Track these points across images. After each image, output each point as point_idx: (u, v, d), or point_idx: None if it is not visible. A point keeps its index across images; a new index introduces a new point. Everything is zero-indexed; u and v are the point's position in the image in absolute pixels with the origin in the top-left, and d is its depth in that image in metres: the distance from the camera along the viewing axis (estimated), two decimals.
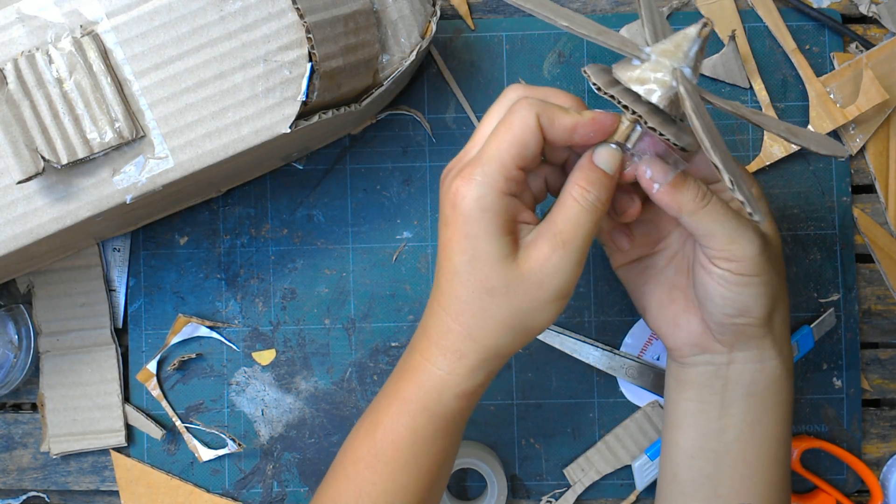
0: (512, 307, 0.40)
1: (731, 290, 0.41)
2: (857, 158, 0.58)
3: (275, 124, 0.46)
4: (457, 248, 0.39)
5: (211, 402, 0.58)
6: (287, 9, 0.45)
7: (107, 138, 0.44)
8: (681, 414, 0.46)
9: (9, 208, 0.45)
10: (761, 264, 0.40)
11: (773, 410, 0.44)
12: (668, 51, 0.39)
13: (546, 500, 0.58)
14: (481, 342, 0.40)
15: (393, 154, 0.58)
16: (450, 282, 0.40)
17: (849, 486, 0.57)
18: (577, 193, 0.40)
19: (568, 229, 0.39)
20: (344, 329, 0.58)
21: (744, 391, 0.44)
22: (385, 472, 0.42)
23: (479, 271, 0.39)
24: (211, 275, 0.58)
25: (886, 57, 0.56)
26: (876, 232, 0.57)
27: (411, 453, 0.42)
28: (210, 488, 0.58)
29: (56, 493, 0.59)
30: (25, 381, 0.58)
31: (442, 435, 0.42)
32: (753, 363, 0.44)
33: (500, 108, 0.41)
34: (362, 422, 0.44)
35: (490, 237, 0.39)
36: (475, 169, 0.39)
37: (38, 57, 0.44)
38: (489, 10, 0.58)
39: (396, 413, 0.42)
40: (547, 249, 0.39)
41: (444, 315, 0.41)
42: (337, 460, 0.45)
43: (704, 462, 0.45)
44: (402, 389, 0.42)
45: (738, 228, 0.40)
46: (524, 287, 0.39)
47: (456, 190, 0.39)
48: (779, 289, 0.42)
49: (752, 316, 0.42)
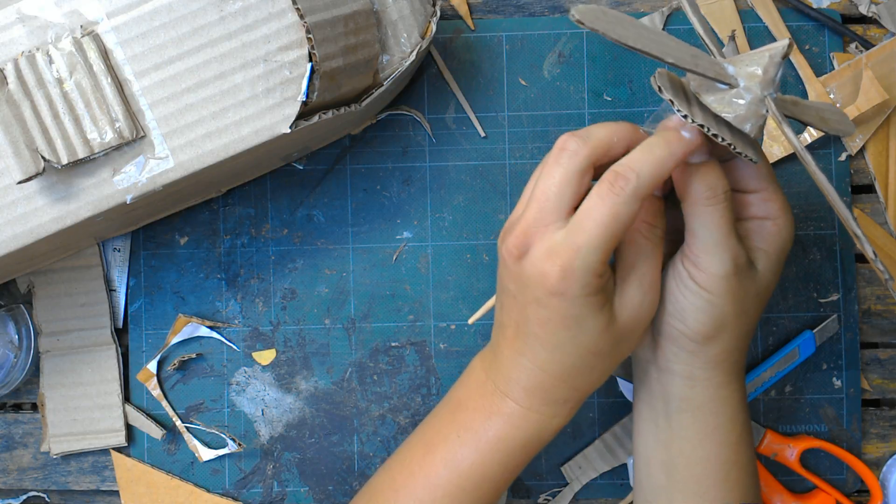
0: (616, 357, 0.42)
1: (679, 290, 0.41)
2: (857, 158, 0.58)
3: (275, 124, 0.46)
4: (559, 326, 0.40)
5: (211, 402, 0.58)
6: (287, 9, 0.45)
7: (107, 138, 0.44)
8: (637, 417, 0.47)
9: (9, 208, 0.45)
10: (719, 287, 0.40)
11: (715, 432, 0.44)
12: (756, 76, 0.38)
13: (544, 498, 0.58)
14: (585, 390, 0.43)
15: (393, 154, 0.58)
16: (552, 351, 0.41)
17: (848, 486, 0.57)
18: (646, 231, 0.40)
19: (648, 270, 0.40)
20: (344, 329, 0.58)
21: (677, 405, 0.44)
22: (466, 500, 0.44)
23: (587, 343, 0.40)
24: (211, 275, 0.58)
25: (886, 57, 0.56)
26: (876, 232, 0.57)
27: (495, 484, 0.44)
28: (210, 488, 0.58)
29: (56, 492, 0.59)
30: (26, 381, 0.58)
31: (526, 464, 0.45)
32: (682, 377, 0.43)
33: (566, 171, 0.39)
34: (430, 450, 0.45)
35: (595, 316, 0.39)
36: (574, 259, 0.38)
37: (38, 57, 0.44)
38: (489, 10, 0.58)
39: (488, 451, 0.43)
40: (638, 296, 0.40)
41: (542, 374, 0.42)
42: (397, 483, 0.46)
43: (658, 473, 0.45)
44: (494, 429, 0.43)
45: (719, 245, 0.39)
46: (626, 336, 0.41)
47: (554, 278, 0.38)
48: (731, 323, 0.41)
49: (687, 326, 0.41)
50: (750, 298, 0.41)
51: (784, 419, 0.57)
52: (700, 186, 0.39)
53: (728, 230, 0.39)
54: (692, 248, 0.40)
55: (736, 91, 0.38)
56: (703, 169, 0.39)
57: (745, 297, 0.41)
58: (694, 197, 0.39)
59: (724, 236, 0.39)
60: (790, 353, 0.56)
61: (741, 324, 0.42)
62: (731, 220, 0.40)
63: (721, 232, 0.39)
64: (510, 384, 0.43)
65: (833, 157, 0.57)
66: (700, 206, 0.39)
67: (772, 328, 0.57)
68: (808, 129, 0.56)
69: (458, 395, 0.46)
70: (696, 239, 0.40)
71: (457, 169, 0.58)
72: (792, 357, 0.56)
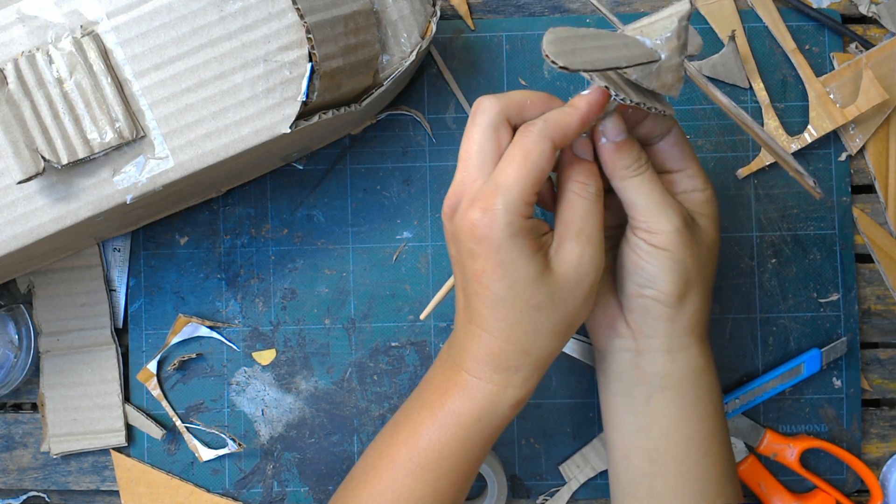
0: (559, 314, 0.42)
1: (643, 258, 0.42)
2: (857, 158, 0.58)
3: (275, 124, 0.46)
4: (493, 276, 0.40)
5: (211, 401, 0.58)
6: (287, 9, 0.45)
7: (107, 138, 0.44)
8: (611, 411, 0.47)
9: (9, 208, 0.45)
10: (676, 241, 0.42)
11: (696, 406, 0.45)
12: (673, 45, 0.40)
13: (542, 497, 0.58)
14: (534, 354, 0.42)
15: (393, 154, 0.58)
16: (493, 308, 0.41)
17: (848, 486, 0.57)
18: (579, 189, 0.42)
19: (585, 225, 0.41)
20: (344, 329, 0.58)
21: (659, 384, 0.44)
22: (427, 479, 0.44)
23: (523, 292, 0.40)
24: (211, 275, 0.58)
25: (886, 57, 0.56)
26: (876, 232, 0.57)
27: (456, 461, 0.44)
28: (210, 488, 0.58)
29: (56, 492, 0.59)
30: (26, 381, 0.58)
31: (489, 441, 0.44)
32: (662, 352, 0.44)
33: (480, 128, 0.41)
34: (396, 430, 0.46)
35: (526, 260, 0.40)
36: (495, 199, 0.39)
37: (38, 57, 0.44)
38: (489, 10, 0.58)
39: (444, 425, 0.43)
40: (577, 250, 0.41)
41: (489, 338, 0.42)
42: (367, 464, 0.46)
43: (639, 461, 0.45)
44: (449, 403, 0.43)
45: (661, 205, 0.42)
46: (567, 291, 0.41)
47: (478, 221, 0.40)
48: (695, 277, 0.43)
49: (659, 290, 0.43)
50: (704, 250, 0.44)
51: (784, 419, 0.57)
52: (626, 159, 0.42)
53: (662, 191, 0.42)
54: (638, 218, 0.42)
55: (658, 64, 0.40)
56: (625, 145, 0.42)
57: (699, 249, 0.43)
58: (622, 171, 0.42)
59: (662, 196, 0.42)
60: (795, 367, 0.56)
61: (703, 277, 0.44)
62: (661, 183, 0.42)
63: (657, 192, 0.42)
64: (464, 355, 0.43)
65: (833, 157, 0.57)
66: (630, 178, 0.42)
67: (772, 328, 0.57)
68: (808, 129, 0.56)
69: (425, 376, 0.47)
70: (638, 208, 0.42)
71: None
72: (796, 372, 0.56)
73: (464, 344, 0.43)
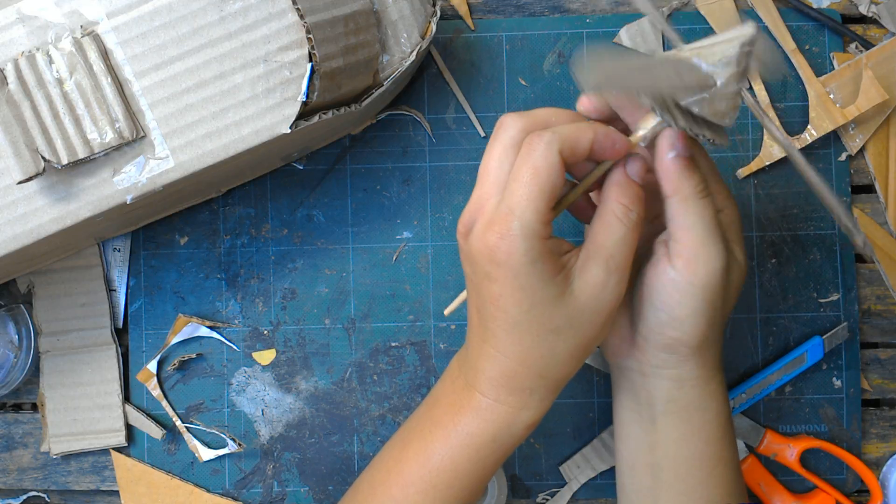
0: (577, 338, 0.40)
1: (673, 296, 0.40)
2: (857, 158, 0.58)
3: (275, 124, 0.46)
4: (511, 300, 0.39)
5: (211, 402, 0.58)
6: (287, 9, 0.45)
7: (107, 138, 0.44)
8: (620, 422, 0.46)
9: (9, 208, 0.45)
10: (715, 282, 0.39)
11: (702, 429, 0.43)
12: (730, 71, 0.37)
13: (542, 497, 0.58)
14: (550, 377, 0.41)
15: (393, 154, 0.58)
16: (509, 331, 0.40)
17: (848, 486, 0.57)
18: (620, 213, 0.39)
19: (617, 252, 0.39)
20: (344, 329, 0.58)
21: (663, 407, 0.43)
22: (438, 497, 0.43)
23: (541, 316, 0.39)
24: (211, 275, 0.58)
25: (886, 57, 0.56)
26: (875, 232, 0.57)
27: (468, 480, 0.43)
28: (210, 488, 0.58)
29: (56, 492, 0.59)
30: (25, 381, 0.58)
31: (501, 460, 0.44)
32: (670, 381, 0.43)
33: (501, 146, 0.39)
34: (405, 447, 0.45)
35: (545, 284, 0.38)
36: (510, 222, 0.37)
37: (38, 57, 0.44)
38: (489, 10, 0.58)
39: (457, 445, 0.43)
40: (602, 276, 0.39)
41: (504, 360, 0.41)
42: (375, 479, 0.46)
43: (643, 475, 0.45)
44: (463, 423, 0.43)
45: (715, 237, 0.39)
46: (586, 317, 0.40)
47: (495, 246, 0.38)
48: (718, 321, 0.41)
49: (683, 332, 0.41)
50: (733, 289, 0.42)
51: (784, 419, 0.57)
52: (693, 181, 0.39)
53: (717, 223, 0.40)
54: (686, 245, 0.39)
55: (713, 90, 0.37)
56: (691, 163, 0.39)
57: (729, 294, 0.42)
58: (686, 192, 0.39)
59: (715, 229, 0.39)
60: (798, 357, 0.56)
61: (725, 312, 0.42)
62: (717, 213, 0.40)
63: (715, 223, 0.39)
64: (477, 375, 0.42)
65: (833, 157, 0.57)
66: (694, 200, 0.39)
67: (772, 328, 0.57)
68: (808, 129, 0.56)
69: (435, 392, 0.46)
70: (691, 232, 0.39)
71: (457, 169, 0.58)
72: (799, 362, 0.56)
73: (477, 363, 0.42)
